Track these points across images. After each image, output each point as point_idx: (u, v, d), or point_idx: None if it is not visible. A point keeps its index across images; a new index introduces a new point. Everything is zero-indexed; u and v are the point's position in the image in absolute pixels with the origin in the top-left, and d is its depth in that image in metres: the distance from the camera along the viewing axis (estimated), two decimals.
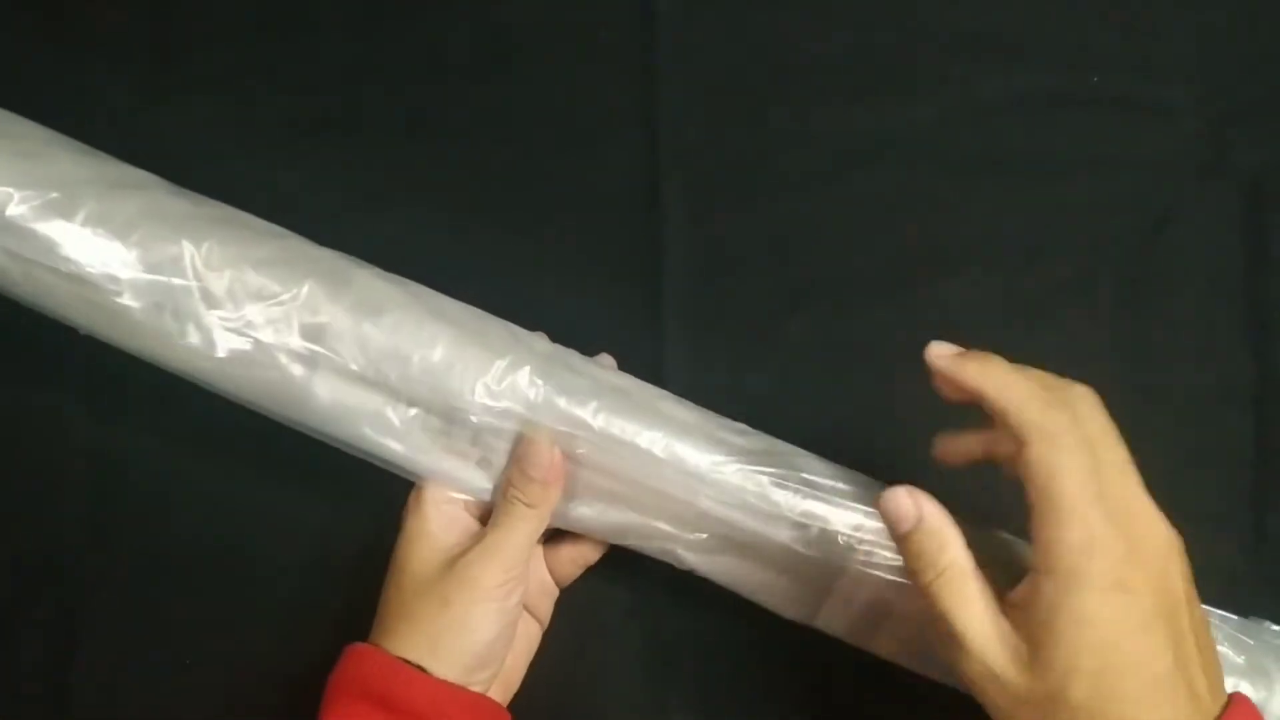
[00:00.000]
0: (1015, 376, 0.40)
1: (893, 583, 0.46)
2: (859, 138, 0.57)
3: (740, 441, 0.48)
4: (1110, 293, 0.56)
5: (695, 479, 0.46)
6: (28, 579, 0.56)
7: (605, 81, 0.59)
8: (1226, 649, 0.47)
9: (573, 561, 0.51)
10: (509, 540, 0.46)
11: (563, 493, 0.47)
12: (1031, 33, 0.58)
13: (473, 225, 0.58)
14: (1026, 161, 0.57)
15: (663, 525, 0.47)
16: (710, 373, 0.54)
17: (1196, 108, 0.57)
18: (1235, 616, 0.48)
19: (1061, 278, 0.56)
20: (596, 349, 0.51)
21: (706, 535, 0.47)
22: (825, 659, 0.52)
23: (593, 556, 0.51)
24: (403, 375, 0.46)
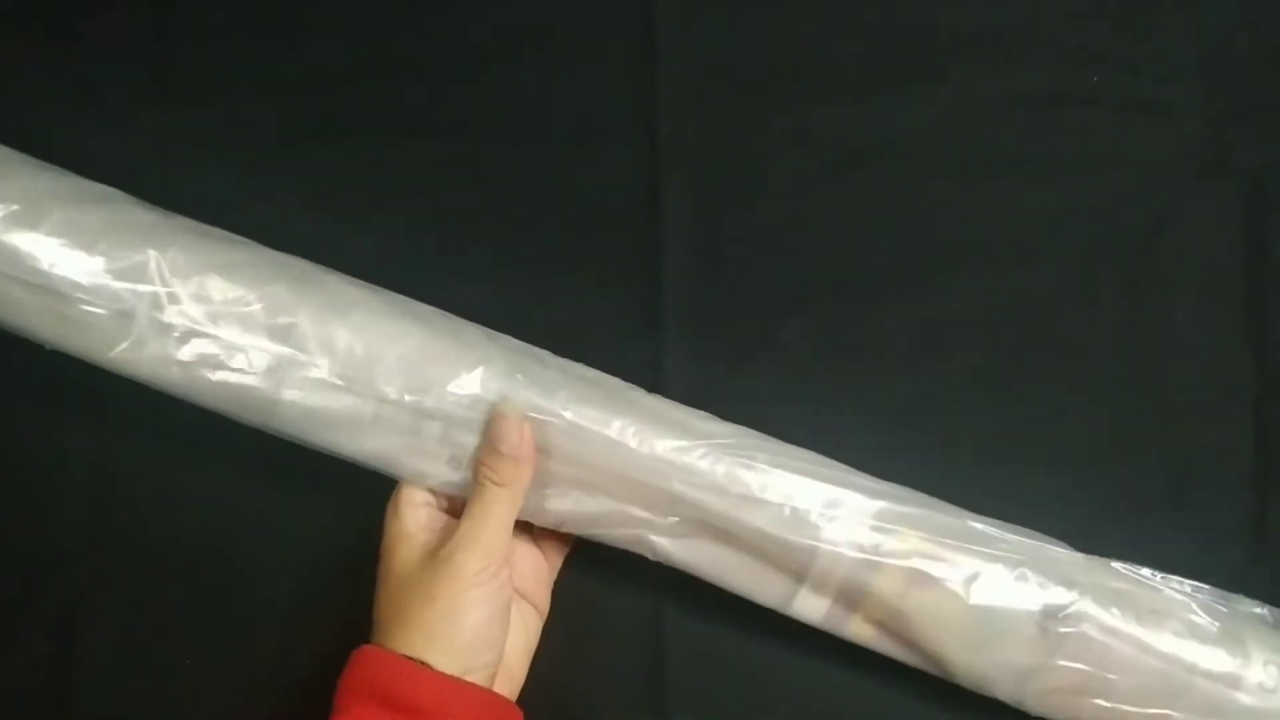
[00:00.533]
0: None
1: (866, 561, 0.46)
2: (859, 138, 0.57)
3: (710, 428, 0.48)
4: (1110, 293, 0.55)
5: (666, 464, 0.47)
6: (28, 579, 0.56)
7: (605, 81, 0.59)
8: (1201, 617, 0.47)
9: (559, 540, 0.52)
10: (484, 526, 0.46)
11: (535, 483, 0.47)
12: (1031, 33, 0.58)
13: (472, 226, 0.58)
14: (1026, 161, 0.57)
15: (636, 511, 0.47)
16: (710, 373, 0.54)
17: (1196, 108, 0.57)
18: (1209, 587, 0.49)
19: (1061, 278, 0.56)
20: (597, 350, 0.51)
21: (679, 520, 0.47)
22: (824, 660, 0.52)
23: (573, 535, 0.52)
24: (370, 375, 0.47)
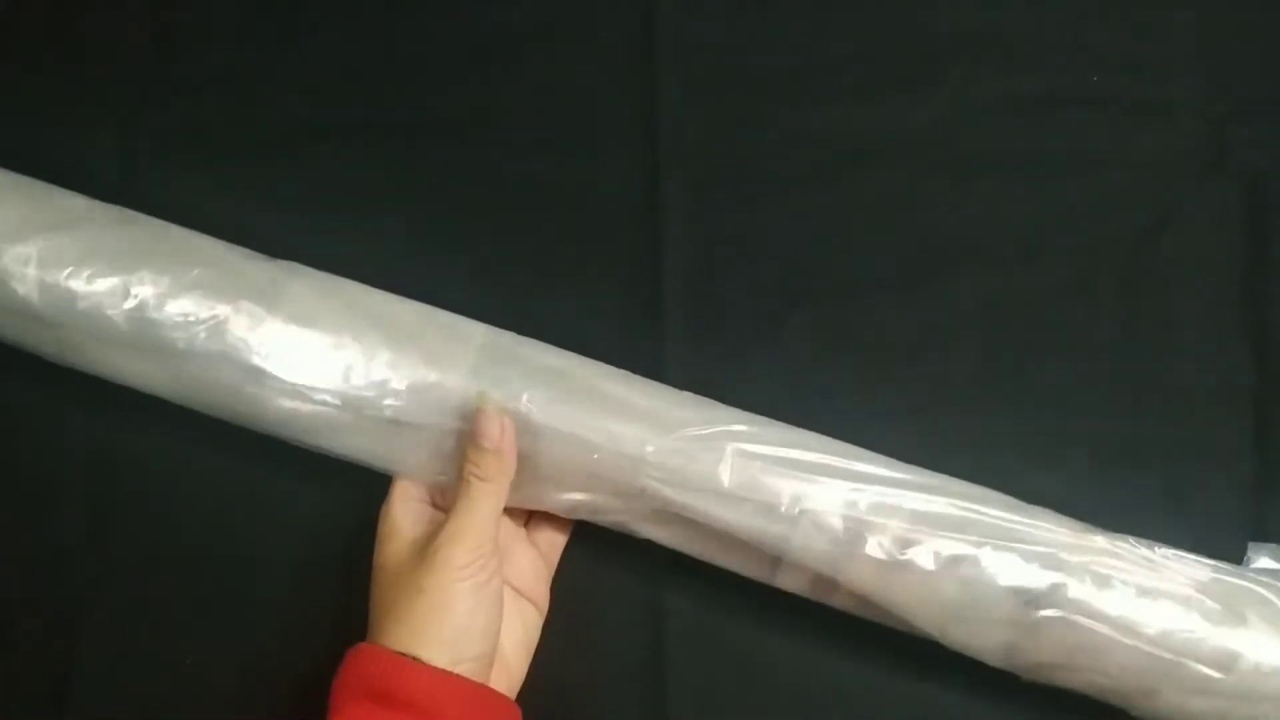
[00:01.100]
0: None
1: (841, 550, 0.46)
2: (859, 138, 0.57)
3: (680, 414, 0.48)
4: (1110, 293, 0.55)
5: (633, 461, 0.47)
6: (28, 579, 0.56)
7: (605, 81, 0.59)
8: (1196, 594, 0.46)
9: (556, 532, 0.52)
10: (470, 520, 0.47)
11: (515, 475, 0.48)
12: (1031, 33, 0.58)
13: (472, 225, 0.58)
14: (1026, 161, 0.57)
15: (613, 502, 0.48)
16: (710, 373, 0.54)
17: (1196, 107, 0.57)
18: (1211, 561, 0.47)
19: (1061, 278, 0.56)
20: (597, 349, 0.51)
21: (654, 510, 0.48)
22: (825, 657, 0.52)
23: (569, 525, 0.52)
24: (347, 379, 0.48)
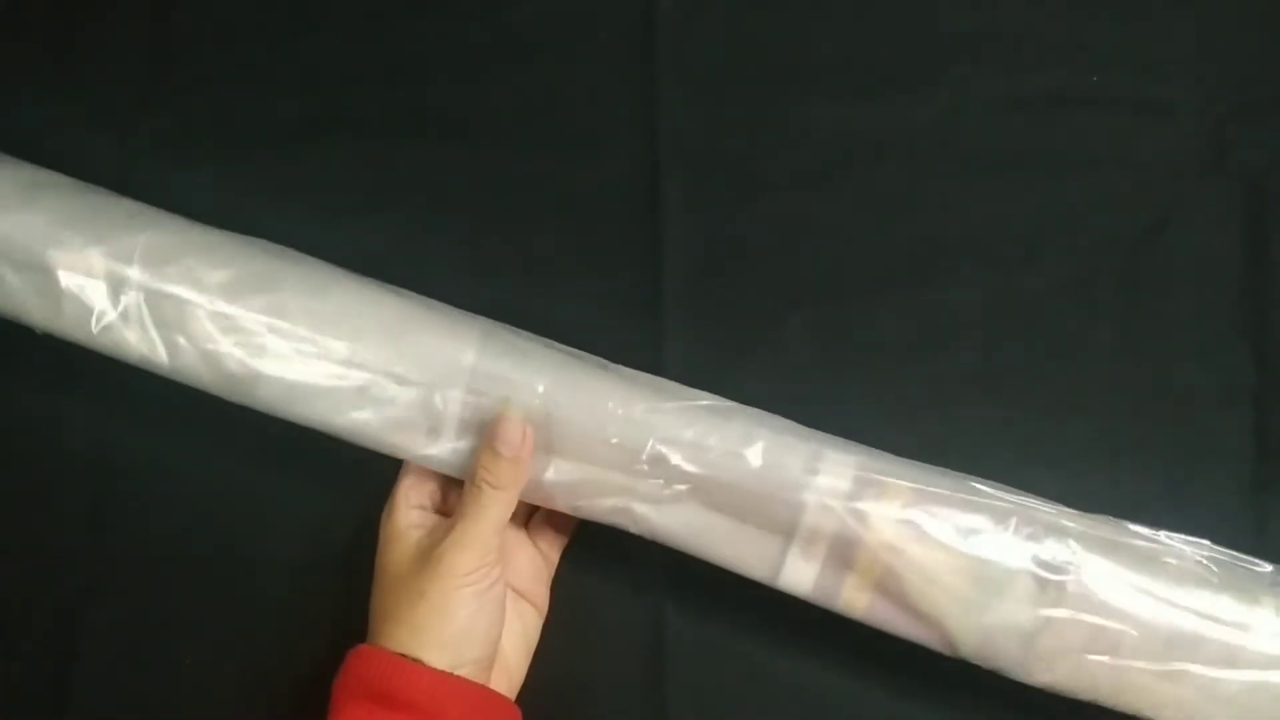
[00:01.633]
0: None
1: (855, 513, 0.46)
2: (859, 138, 0.57)
3: (688, 392, 0.49)
4: (1110, 293, 0.55)
5: (644, 423, 0.47)
6: (28, 579, 0.56)
7: (605, 81, 0.59)
8: (1206, 568, 0.46)
9: (556, 533, 0.52)
10: (478, 527, 0.46)
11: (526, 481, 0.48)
12: (1031, 33, 0.58)
13: (472, 225, 0.58)
14: (1026, 161, 0.57)
15: (617, 477, 0.47)
16: (710, 372, 0.54)
17: (1197, 107, 0.57)
18: (1211, 544, 0.47)
19: (1061, 278, 0.56)
20: (597, 349, 0.51)
21: (661, 483, 0.47)
22: (825, 658, 0.52)
23: (569, 526, 0.52)
24: (349, 349, 0.48)
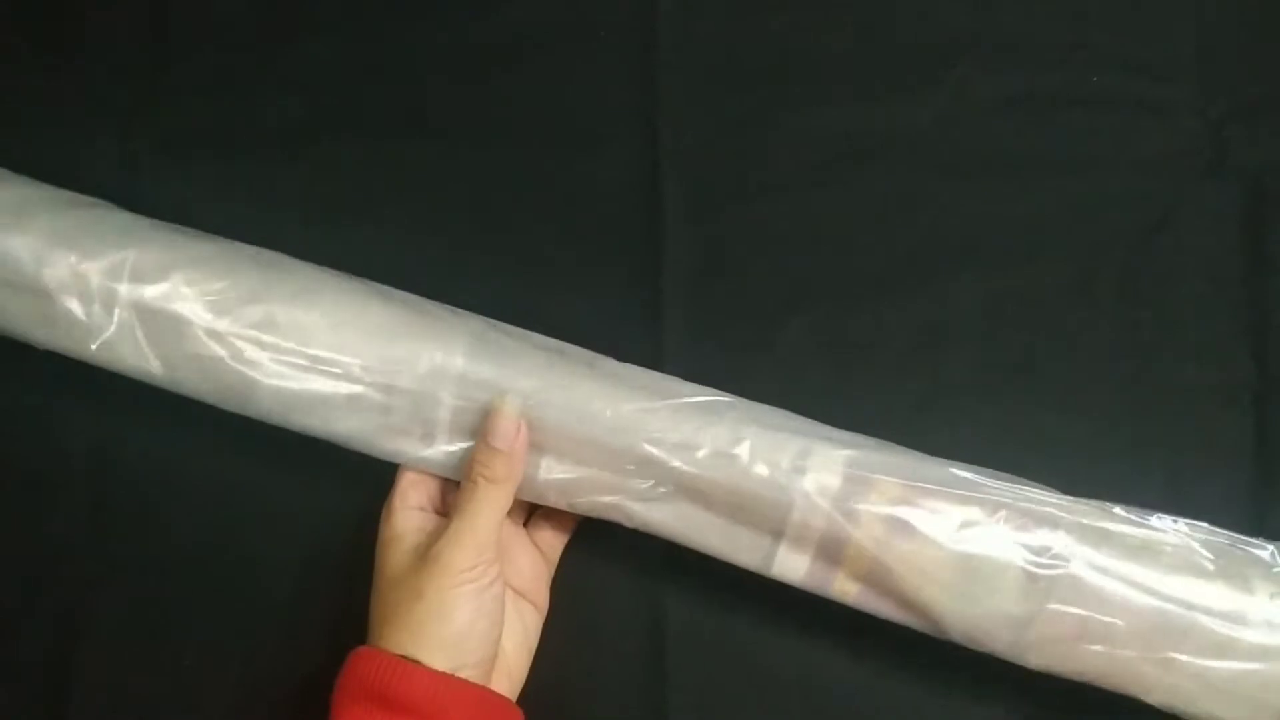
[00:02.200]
0: None
1: (844, 510, 0.46)
2: (859, 138, 0.57)
3: (676, 388, 0.49)
4: (1110, 293, 0.55)
5: (632, 425, 0.47)
6: (28, 579, 0.56)
7: (605, 81, 0.59)
8: (1200, 553, 0.46)
9: (556, 532, 0.52)
10: (474, 523, 0.46)
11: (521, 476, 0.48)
12: (1031, 33, 0.58)
13: (472, 225, 0.58)
14: (1026, 161, 0.57)
15: (608, 476, 0.48)
16: (710, 373, 0.54)
17: (1196, 107, 0.57)
18: (1208, 525, 0.47)
19: (1061, 278, 0.56)
20: (596, 349, 0.51)
21: (652, 483, 0.47)
22: (825, 657, 0.52)
23: (570, 525, 0.52)
24: (340, 358, 0.48)
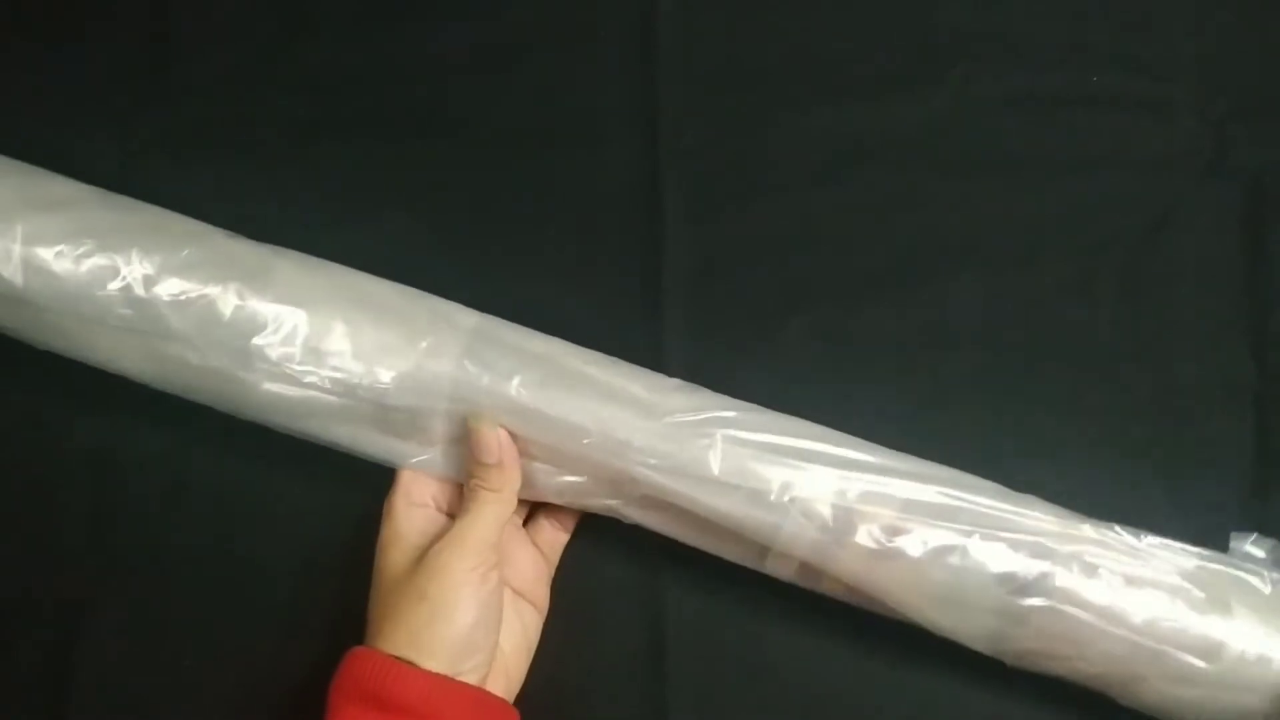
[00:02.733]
0: None
1: (830, 538, 0.46)
2: (859, 138, 0.57)
3: (670, 402, 0.48)
4: (1110, 293, 0.55)
5: (623, 446, 0.47)
6: (28, 579, 0.56)
7: (605, 81, 0.59)
8: (1183, 582, 0.46)
9: (556, 531, 0.52)
10: (475, 525, 0.47)
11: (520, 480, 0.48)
12: (1031, 33, 0.58)
13: (472, 225, 0.58)
14: (1026, 161, 0.57)
15: (602, 487, 0.48)
16: (710, 372, 0.54)
17: (1196, 107, 0.57)
18: (1197, 549, 0.47)
19: (1061, 278, 0.56)
20: (596, 348, 0.51)
21: (643, 496, 0.48)
22: (825, 655, 0.52)
23: (570, 524, 0.52)
24: (332, 365, 0.48)
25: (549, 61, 0.59)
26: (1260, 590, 0.46)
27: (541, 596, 0.51)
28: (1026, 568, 0.45)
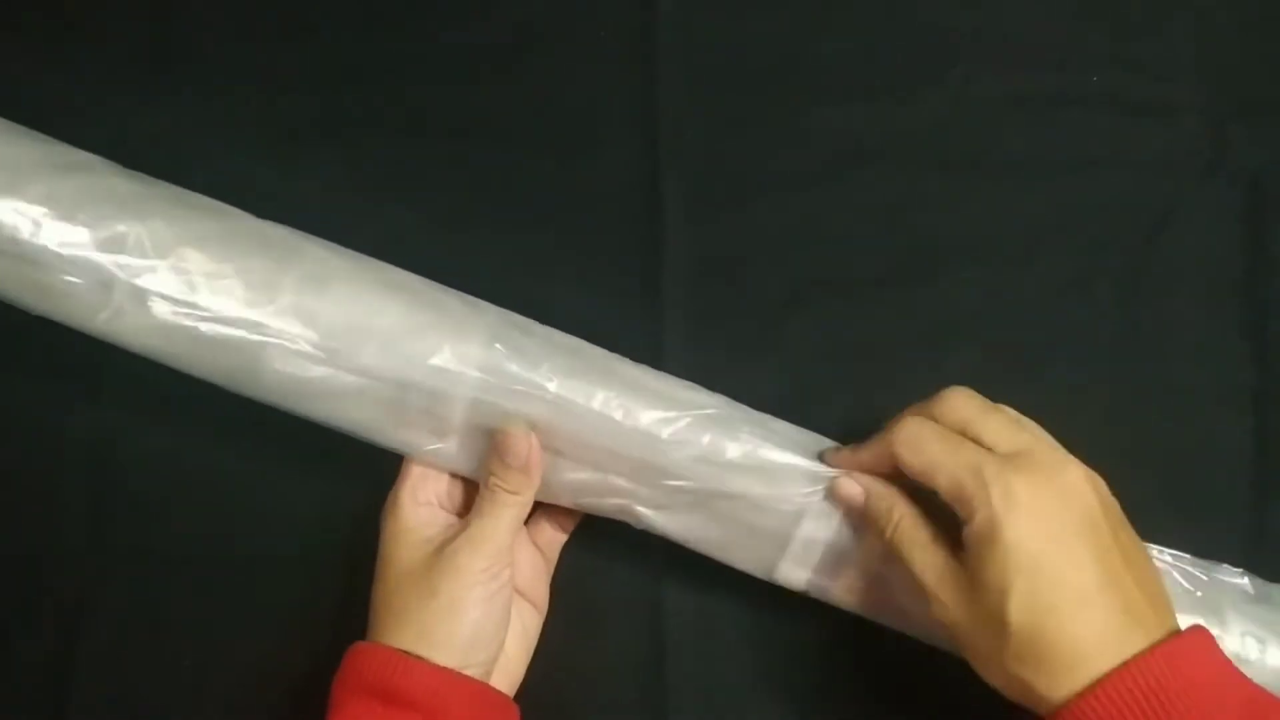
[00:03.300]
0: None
1: (845, 531, 0.47)
2: (859, 138, 0.57)
3: (692, 397, 0.48)
4: (1110, 293, 0.56)
5: (649, 436, 0.47)
6: (28, 579, 0.56)
7: (605, 81, 0.59)
8: (1181, 582, 0.47)
9: (555, 530, 0.52)
10: (494, 526, 0.47)
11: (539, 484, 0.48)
12: (1031, 33, 0.58)
13: (472, 225, 0.58)
14: (1026, 161, 0.57)
15: (620, 482, 0.48)
16: (710, 372, 0.54)
17: (1196, 108, 0.57)
18: (1190, 556, 0.49)
19: (1061, 278, 0.56)
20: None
21: (664, 490, 0.47)
22: (825, 658, 0.52)
23: (569, 524, 0.52)
24: (351, 348, 0.47)
25: (549, 61, 0.59)
26: (1250, 591, 0.47)
27: (541, 596, 0.51)
28: None
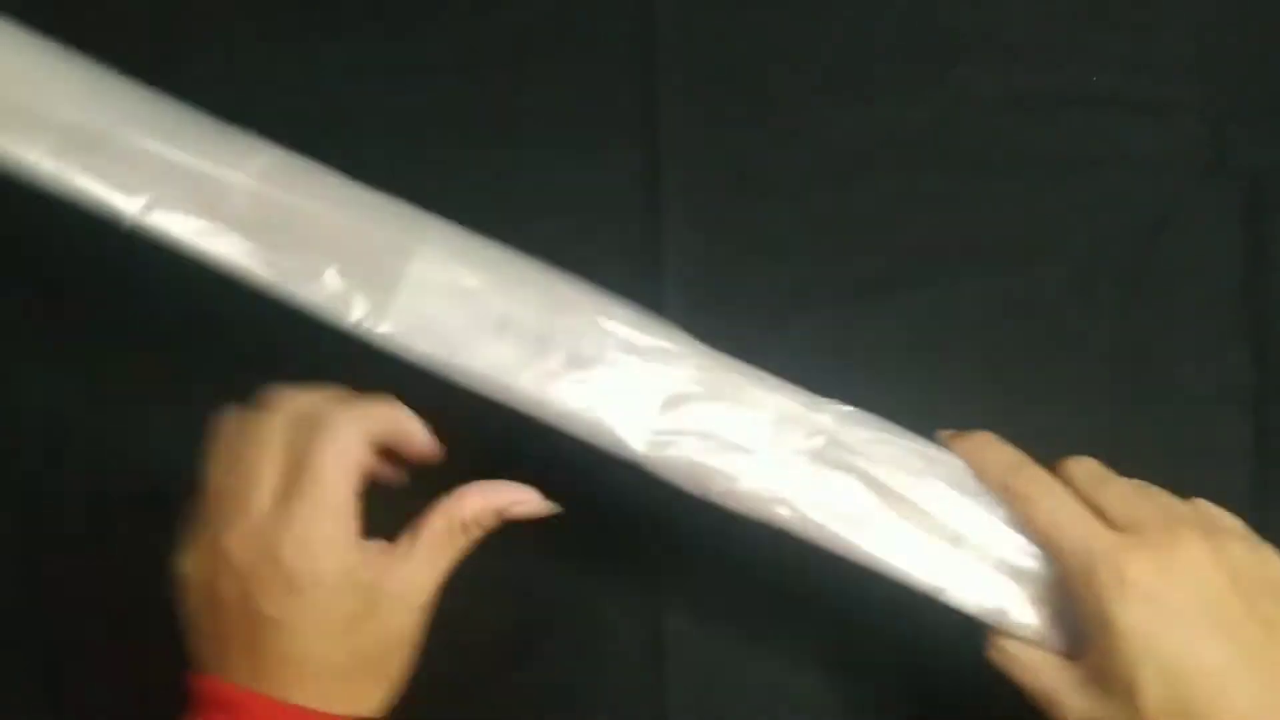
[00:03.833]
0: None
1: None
2: (859, 138, 0.57)
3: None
4: (1110, 293, 0.56)
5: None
6: (28, 579, 0.56)
7: (605, 81, 0.59)
8: None
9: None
10: (445, 561, 0.43)
11: None
12: (1031, 33, 0.58)
13: (472, 225, 0.58)
14: (1026, 161, 0.57)
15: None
16: None
17: (1196, 107, 0.57)
18: None
19: (1061, 278, 0.56)
20: None
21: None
22: (825, 657, 0.52)
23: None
24: (501, 286, 0.47)
25: (549, 61, 0.59)
26: None
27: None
28: None
